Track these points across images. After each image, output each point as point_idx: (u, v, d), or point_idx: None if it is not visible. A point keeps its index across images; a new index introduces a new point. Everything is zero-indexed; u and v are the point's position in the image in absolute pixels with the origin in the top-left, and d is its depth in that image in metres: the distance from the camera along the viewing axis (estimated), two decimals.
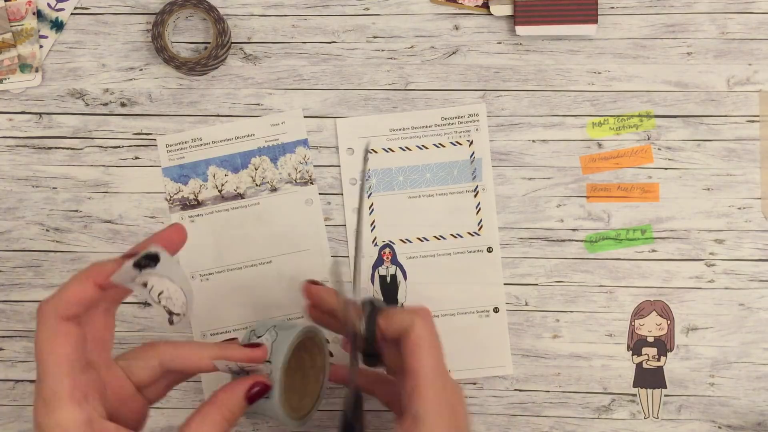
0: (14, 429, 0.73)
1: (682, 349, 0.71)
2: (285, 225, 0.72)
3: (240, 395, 0.51)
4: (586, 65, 0.71)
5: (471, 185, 0.71)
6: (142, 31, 0.73)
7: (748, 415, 0.70)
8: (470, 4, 0.71)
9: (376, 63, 0.72)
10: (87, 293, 0.45)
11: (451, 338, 0.71)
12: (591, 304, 0.71)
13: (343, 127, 0.71)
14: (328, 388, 0.62)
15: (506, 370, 0.71)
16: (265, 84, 0.72)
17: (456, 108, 0.71)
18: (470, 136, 0.71)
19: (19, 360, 0.72)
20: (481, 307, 0.71)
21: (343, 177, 0.71)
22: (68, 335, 0.45)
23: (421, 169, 0.71)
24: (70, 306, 0.45)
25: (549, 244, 0.71)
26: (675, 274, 0.71)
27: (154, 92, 0.72)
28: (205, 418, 0.49)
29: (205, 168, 0.72)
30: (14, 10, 0.72)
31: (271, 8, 0.72)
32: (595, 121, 0.71)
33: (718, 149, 0.70)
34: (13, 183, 0.72)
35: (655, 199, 0.71)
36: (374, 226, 0.71)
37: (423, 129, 0.71)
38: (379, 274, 0.71)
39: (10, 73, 0.72)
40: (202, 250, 0.72)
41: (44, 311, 0.45)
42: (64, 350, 0.45)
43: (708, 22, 0.71)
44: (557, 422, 0.71)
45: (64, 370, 0.44)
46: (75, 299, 0.45)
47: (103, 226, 0.72)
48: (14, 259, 0.72)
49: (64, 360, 0.44)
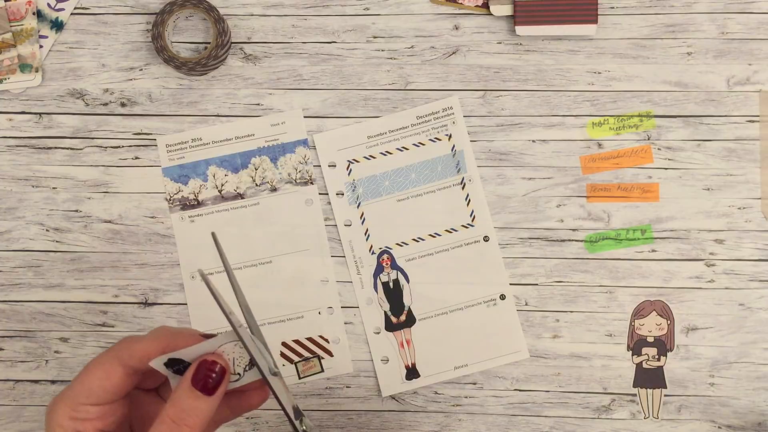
0: (14, 429, 0.73)
1: (682, 349, 0.71)
2: (285, 225, 0.72)
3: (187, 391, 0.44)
4: (586, 65, 0.71)
5: (457, 178, 0.71)
6: (142, 31, 0.73)
7: (748, 415, 0.70)
8: (470, 4, 0.71)
9: (376, 63, 0.72)
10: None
11: (463, 333, 0.71)
12: (591, 304, 0.71)
13: (321, 142, 0.71)
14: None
15: (522, 355, 0.71)
16: (265, 84, 0.72)
17: (430, 105, 0.71)
18: (448, 130, 0.71)
19: (19, 360, 0.72)
20: (488, 296, 0.71)
21: (329, 190, 0.71)
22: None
23: (405, 171, 0.72)
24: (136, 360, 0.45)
25: (549, 244, 0.71)
26: (675, 274, 0.71)
27: (154, 92, 0.72)
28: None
29: (205, 168, 0.72)
30: (14, 10, 0.72)
31: (271, 8, 0.72)
32: (595, 121, 0.71)
33: (718, 149, 0.70)
34: (13, 183, 0.72)
35: (655, 199, 0.71)
36: (368, 234, 0.71)
37: (400, 131, 0.71)
38: (381, 281, 0.71)
39: (10, 73, 0.72)
40: (202, 250, 0.72)
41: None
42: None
43: (708, 22, 0.71)
44: (557, 422, 0.71)
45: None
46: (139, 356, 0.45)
47: (103, 226, 0.72)
48: (14, 259, 0.72)
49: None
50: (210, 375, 0.44)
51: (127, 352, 0.44)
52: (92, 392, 0.44)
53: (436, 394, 0.71)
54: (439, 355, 0.71)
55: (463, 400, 0.71)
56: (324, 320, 0.71)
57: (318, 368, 0.72)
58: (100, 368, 0.44)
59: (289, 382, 0.71)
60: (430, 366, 0.71)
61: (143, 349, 0.44)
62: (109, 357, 0.45)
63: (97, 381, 0.44)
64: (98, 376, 0.44)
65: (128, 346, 0.45)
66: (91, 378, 0.44)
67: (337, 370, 0.71)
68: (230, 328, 0.45)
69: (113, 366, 0.44)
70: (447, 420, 0.71)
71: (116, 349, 0.45)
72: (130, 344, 0.45)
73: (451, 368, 0.71)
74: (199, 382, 0.44)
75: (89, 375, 0.44)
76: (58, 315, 0.72)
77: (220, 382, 0.44)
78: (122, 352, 0.44)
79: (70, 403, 0.44)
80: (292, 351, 0.72)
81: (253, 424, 0.72)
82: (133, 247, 0.72)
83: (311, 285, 0.72)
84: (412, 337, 0.71)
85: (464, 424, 0.71)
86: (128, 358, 0.44)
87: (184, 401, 0.43)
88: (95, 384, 0.44)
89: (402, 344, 0.71)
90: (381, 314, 0.71)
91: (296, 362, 0.72)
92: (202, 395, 0.43)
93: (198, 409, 0.43)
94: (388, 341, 0.71)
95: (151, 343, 0.45)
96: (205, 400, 0.44)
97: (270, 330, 0.71)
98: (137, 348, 0.44)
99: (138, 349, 0.44)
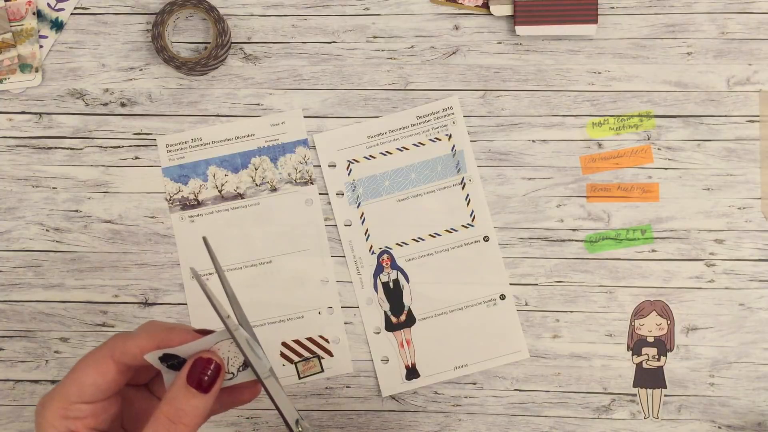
0: (14, 429, 0.73)
1: (682, 349, 0.71)
2: (285, 225, 0.72)
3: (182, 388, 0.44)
4: (586, 65, 0.71)
5: (457, 178, 0.71)
6: (142, 31, 0.73)
7: (748, 415, 0.70)
8: (470, 4, 0.71)
9: (376, 63, 0.72)
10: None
11: (463, 333, 0.71)
12: (591, 304, 0.71)
13: (321, 142, 0.71)
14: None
15: (522, 355, 0.71)
16: (265, 84, 0.72)
17: (430, 105, 0.71)
18: (448, 130, 0.71)
19: (19, 360, 0.72)
20: (487, 296, 0.71)
21: (329, 190, 0.71)
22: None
23: (405, 171, 0.72)
24: (129, 357, 0.44)
25: (549, 244, 0.71)
26: (675, 274, 0.71)
27: (154, 92, 0.72)
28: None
29: (205, 168, 0.72)
30: (14, 10, 0.72)
31: (271, 8, 0.72)
32: (595, 121, 0.71)
33: (718, 149, 0.70)
34: (13, 183, 0.72)
35: (655, 199, 0.71)
36: (368, 234, 0.71)
37: (400, 131, 0.71)
38: (381, 281, 0.71)
39: (10, 73, 0.72)
40: (202, 251, 0.72)
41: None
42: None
43: (708, 22, 0.71)
44: (557, 422, 0.71)
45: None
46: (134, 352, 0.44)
47: (103, 226, 0.72)
48: (14, 259, 0.72)
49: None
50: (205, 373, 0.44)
51: (119, 349, 0.44)
52: (85, 390, 0.44)
53: (436, 394, 0.71)
54: (439, 355, 0.71)
55: (463, 400, 0.71)
56: (324, 320, 0.71)
57: (318, 368, 0.72)
58: (92, 366, 0.44)
59: (290, 382, 0.71)
60: (430, 366, 0.71)
61: (137, 346, 0.44)
62: (101, 354, 0.44)
63: (90, 379, 0.44)
64: (91, 373, 0.44)
65: (121, 343, 0.44)
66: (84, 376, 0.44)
67: (337, 370, 0.71)
68: (225, 326, 0.45)
69: (106, 363, 0.44)
70: (447, 420, 0.71)
71: (108, 346, 0.44)
72: (124, 341, 0.44)
73: (451, 368, 0.71)
74: (195, 379, 0.43)
75: (81, 373, 0.44)
76: (58, 315, 0.72)
77: (215, 379, 0.44)
78: (115, 349, 0.44)
79: (61, 402, 0.43)
80: (292, 351, 0.72)
81: (253, 424, 0.72)
82: (133, 247, 0.72)
83: (311, 285, 0.72)
84: (412, 337, 0.71)
85: (464, 424, 0.71)
86: (121, 355, 0.44)
87: (180, 399, 0.43)
88: (88, 382, 0.44)
89: (402, 344, 0.71)
90: (381, 314, 0.71)
91: (296, 362, 0.72)
92: (197, 393, 0.43)
93: (193, 406, 0.43)
94: (388, 341, 0.71)
95: (145, 339, 0.44)
96: (201, 398, 0.43)
97: (270, 330, 0.71)
98: (131, 345, 0.44)
99: (131, 345, 0.44)
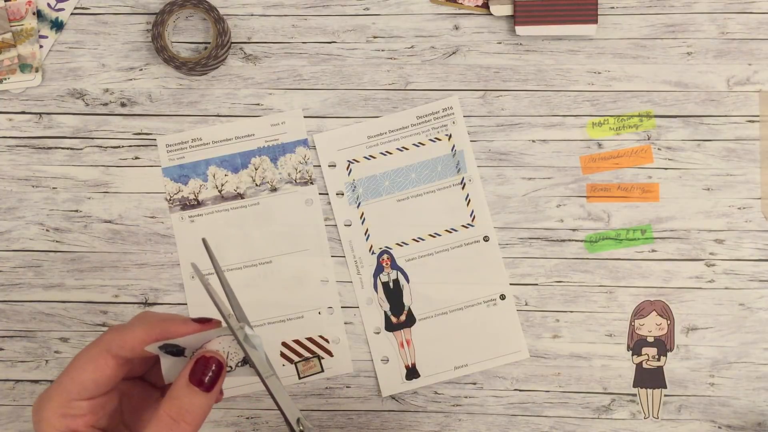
0: (14, 429, 0.73)
1: (682, 349, 0.71)
2: (285, 225, 0.72)
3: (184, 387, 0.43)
4: (586, 65, 0.71)
5: (457, 178, 0.71)
6: (142, 31, 0.73)
7: (748, 415, 0.70)
8: (470, 4, 0.71)
9: (376, 63, 0.72)
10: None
11: (463, 333, 0.71)
12: (591, 304, 0.71)
13: (321, 142, 0.71)
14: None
15: (522, 355, 0.71)
16: (265, 84, 0.72)
17: (430, 105, 0.71)
18: (448, 130, 0.71)
19: (19, 360, 0.72)
20: (487, 296, 0.71)
21: (329, 190, 0.71)
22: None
23: (405, 171, 0.72)
24: (128, 350, 0.44)
25: (549, 244, 0.71)
26: (675, 274, 0.71)
27: (154, 92, 0.72)
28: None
29: (205, 168, 0.72)
30: (14, 10, 0.72)
31: (271, 8, 0.72)
32: (595, 121, 0.71)
33: (718, 149, 0.70)
34: (13, 183, 0.72)
35: (655, 199, 0.71)
36: (368, 234, 0.71)
37: (400, 131, 0.71)
38: (381, 281, 0.71)
39: (10, 73, 0.72)
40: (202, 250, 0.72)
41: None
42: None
43: (708, 22, 0.71)
44: (557, 422, 0.71)
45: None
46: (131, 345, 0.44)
47: (103, 226, 0.72)
48: (14, 259, 0.72)
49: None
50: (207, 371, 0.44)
51: (117, 343, 0.44)
52: (84, 387, 0.43)
53: (436, 394, 0.71)
54: (439, 355, 0.71)
55: (463, 400, 0.71)
56: (324, 320, 0.71)
57: (318, 368, 0.72)
58: (90, 361, 0.44)
59: (290, 382, 0.71)
60: (430, 366, 0.71)
61: (135, 338, 0.44)
62: (98, 350, 0.44)
63: (88, 375, 0.43)
64: (89, 369, 0.43)
65: (118, 337, 0.44)
66: (82, 372, 0.43)
67: (337, 370, 0.71)
68: (227, 324, 0.45)
69: (104, 358, 0.44)
70: (447, 420, 0.71)
71: (104, 340, 0.44)
72: (120, 334, 0.44)
73: (451, 368, 0.71)
74: (197, 378, 0.43)
75: (79, 369, 0.44)
76: (58, 315, 0.72)
77: (217, 378, 0.44)
78: (112, 343, 0.44)
79: (60, 400, 0.43)
80: (292, 351, 0.72)
81: (253, 424, 0.72)
82: (133, 247, 0.72)
83: (311, 285, 0.72)
84: (412, 337, 0.71)
85: (464, 424, 0.71)
86: (118, 349, 0.44)
87: (182, 398, 0.43)
88: (87, 378, 0.43)
89: (402, 344, 0.71)
90: (381, 314, 0.71)
91: (296, 362, 0.72)
92: (199, 391, 0.43)
93: (196, 405, 0.43)
94: (388, 341, 0.71)
95: (143, 331, 0.44)
96: (203, 396, 0.43)
97: (270, 330, 0.71)
98: (128, 338, 0.44)
99: (130, 338, 0.44)
